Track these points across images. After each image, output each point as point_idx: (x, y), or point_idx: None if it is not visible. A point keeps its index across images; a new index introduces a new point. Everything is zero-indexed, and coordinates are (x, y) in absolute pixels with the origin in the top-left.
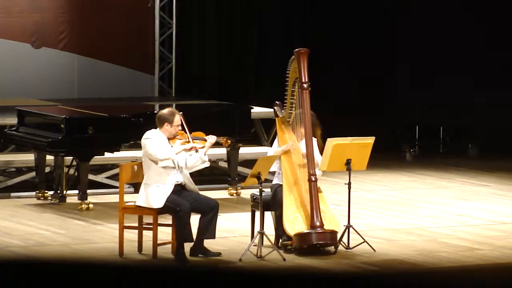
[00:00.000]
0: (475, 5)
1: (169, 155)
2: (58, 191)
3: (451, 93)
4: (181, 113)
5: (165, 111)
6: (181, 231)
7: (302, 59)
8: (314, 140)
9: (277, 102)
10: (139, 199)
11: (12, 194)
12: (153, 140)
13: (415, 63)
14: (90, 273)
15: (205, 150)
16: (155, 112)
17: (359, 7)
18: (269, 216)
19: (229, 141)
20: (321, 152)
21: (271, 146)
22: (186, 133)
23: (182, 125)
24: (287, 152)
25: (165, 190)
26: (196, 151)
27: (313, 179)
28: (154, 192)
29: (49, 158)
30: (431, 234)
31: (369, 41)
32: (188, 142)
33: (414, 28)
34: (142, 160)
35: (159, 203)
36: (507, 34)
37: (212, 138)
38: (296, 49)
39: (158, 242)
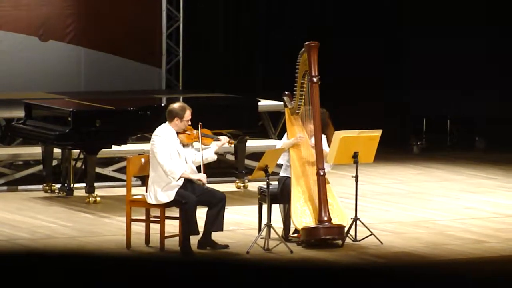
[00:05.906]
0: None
1: (175, 175)
2: (66, 184)
3: (458, 86)
4: (200, 123)
5: (176, 105)
6: (187, 224)
7: (312, 53)
8: (324, 136)
9: (286, 92)
10: (150, 198)
11: (20, 187)
12: (163, 141)
13: (421, 57)
14: (97, 265)
15: (215, 149)
16: (162, 105)
17: None
18: (276, 209)
19: (232, 141)
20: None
21: (278, 139)
22: (198, 133)
23: (196, 127)
24: (295, 144)
25: (175, 185)
26: (203, 183)
27: (322, 173)
28: (164, 189)
29: (57, 151)
30: (438, 227)
31: (374, 32)
32: (196, 138)
33: (420, 21)
34: (149, 155)
35: (169, 198)
36: None
37: (224, 139)
38: (306, 42)
39: (166, 235)
